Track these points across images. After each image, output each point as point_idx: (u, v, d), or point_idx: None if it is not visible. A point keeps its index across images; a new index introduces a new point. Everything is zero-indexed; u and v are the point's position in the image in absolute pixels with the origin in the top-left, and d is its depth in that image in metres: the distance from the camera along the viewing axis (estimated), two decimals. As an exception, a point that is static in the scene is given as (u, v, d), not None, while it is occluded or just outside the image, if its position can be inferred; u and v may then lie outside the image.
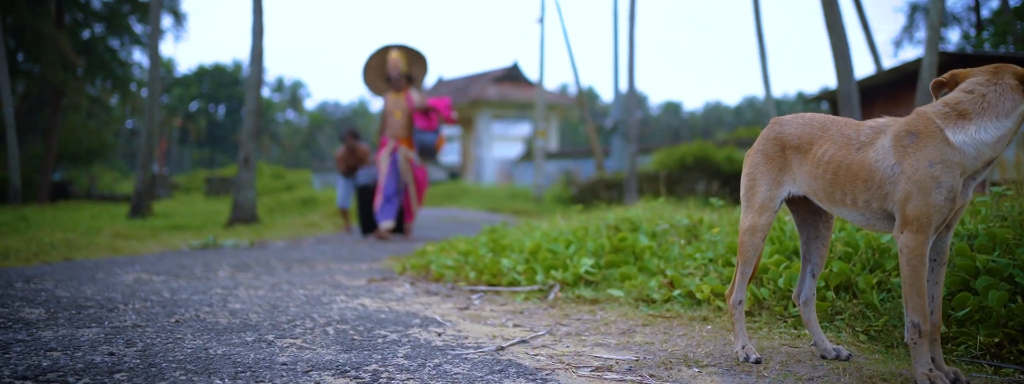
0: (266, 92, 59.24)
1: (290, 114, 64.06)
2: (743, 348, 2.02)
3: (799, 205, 2.15)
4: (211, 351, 1.96)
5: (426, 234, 9.64)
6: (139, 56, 31.95)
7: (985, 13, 25.65)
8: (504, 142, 34.30)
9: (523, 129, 38.46)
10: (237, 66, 55.66)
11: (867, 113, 17.82)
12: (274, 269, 4.64)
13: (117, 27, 27.40)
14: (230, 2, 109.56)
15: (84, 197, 26.12)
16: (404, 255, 5.98)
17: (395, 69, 8.70)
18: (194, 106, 52.88)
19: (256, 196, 12.93)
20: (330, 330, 2.30)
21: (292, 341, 2.12)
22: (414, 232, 9.81)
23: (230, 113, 54.94)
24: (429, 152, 8.64)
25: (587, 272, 3.07)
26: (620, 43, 20.62)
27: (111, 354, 1.89)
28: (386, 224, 8.48)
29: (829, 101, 20.11)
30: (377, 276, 4.13)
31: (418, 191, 8.86)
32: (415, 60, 9.03)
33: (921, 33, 26.45)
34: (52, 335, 2.13)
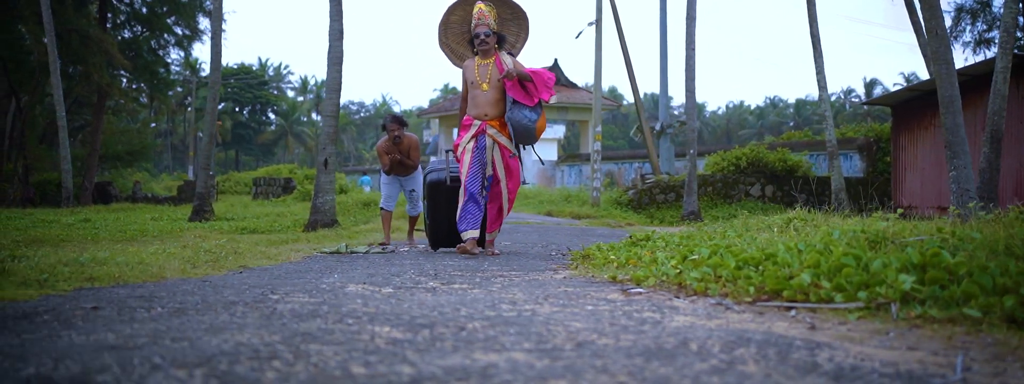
0: (291, 93, 59.54)
1: (315, 115, 64.16)
2: None
3: None
4: None
5: (513, 238, 9.25)
6: (175, 57, 31.87)
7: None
8: (540, 143, 34.17)
9: (557, 131, 38.35)
10: (262, 67, 55.72)
11: (930, 118, 17.68)
12: (473, 279, 4.52)
13: (159, 28, 27.41)
14: (255, 3, 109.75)
15: (126, 199, 26.14)
16: (562, 264, 5.87)
17: (482, 25, 6.42)
18: (219, 107, 52.90)
19: (335, 200, 12.86)
20: (753, 353, 2.19)
21: (751, 369, 2.01)
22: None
23: (254, 114, 55.07)
24: (528, 136, 6.41)
25: (914, 288, 2.95)
26: (669, 45, 20.47)
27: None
28: (470, 233, 6.39)
29: (890, 106, 19.96)
30: (598, 288, 4.01)
31: (510, 190, 6.59)
32: (511, 18, 6.78)
33: (966, 36, 26.30)
34: (500, 362, 2.01)
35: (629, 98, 63.86)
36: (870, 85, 64.81)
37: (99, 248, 7.08)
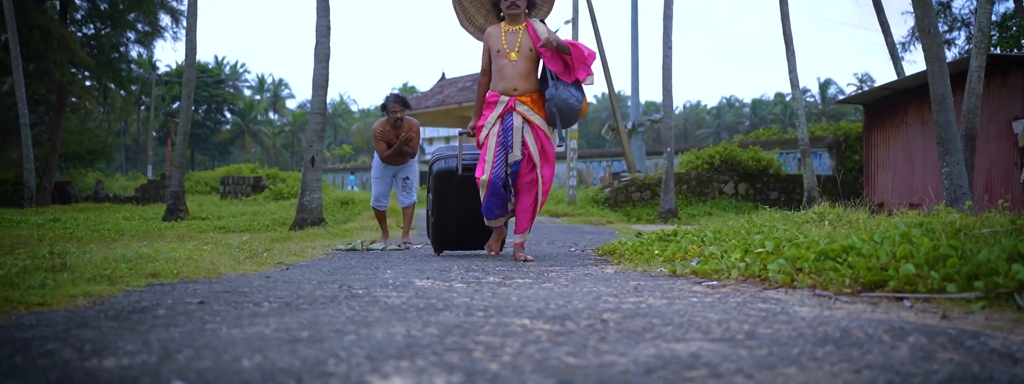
0: (248, 92, 58.60)
1: (272, 114, 63.27)
2: None
3: None
4: None
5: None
6: (135, 55, 31.23)
7: (994, 18, 26.05)
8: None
9: (523, 130, 38.30)
10: (218, 65, 54.80)
11: (902, 116, 18.00)
12: (528, 275, 4.43)
13: (120, 25, 26.79)
14: (212, 1, 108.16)
15: (87, 199, 25.50)
16: (595, 259, 5.82)
17: None
18: (175, 105, 52.01)
19: (322, 198, 12.67)
20: (925, 342, 2.14)
21: (955, 357, 1.98)
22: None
23: (210, 113, 54.13)
24: (572, 119, 5.41)
25: (1030, 279, 2.95)
26: (640, 45, 20.55)
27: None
28: (496, 221, 5.60)
29: (862, 104, 20.27)
30: (669, 281, 3.97)
31: (545, 178, 5.53)
32: None
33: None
34: (701, 352, 1.94)
35: (589, 98, 64.18)
36: (825, 85, 65.94)
37: (102, 246, 6.86)
